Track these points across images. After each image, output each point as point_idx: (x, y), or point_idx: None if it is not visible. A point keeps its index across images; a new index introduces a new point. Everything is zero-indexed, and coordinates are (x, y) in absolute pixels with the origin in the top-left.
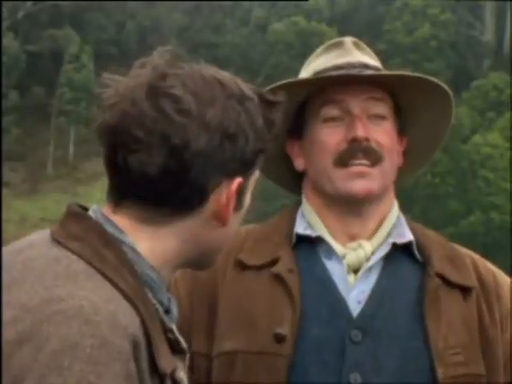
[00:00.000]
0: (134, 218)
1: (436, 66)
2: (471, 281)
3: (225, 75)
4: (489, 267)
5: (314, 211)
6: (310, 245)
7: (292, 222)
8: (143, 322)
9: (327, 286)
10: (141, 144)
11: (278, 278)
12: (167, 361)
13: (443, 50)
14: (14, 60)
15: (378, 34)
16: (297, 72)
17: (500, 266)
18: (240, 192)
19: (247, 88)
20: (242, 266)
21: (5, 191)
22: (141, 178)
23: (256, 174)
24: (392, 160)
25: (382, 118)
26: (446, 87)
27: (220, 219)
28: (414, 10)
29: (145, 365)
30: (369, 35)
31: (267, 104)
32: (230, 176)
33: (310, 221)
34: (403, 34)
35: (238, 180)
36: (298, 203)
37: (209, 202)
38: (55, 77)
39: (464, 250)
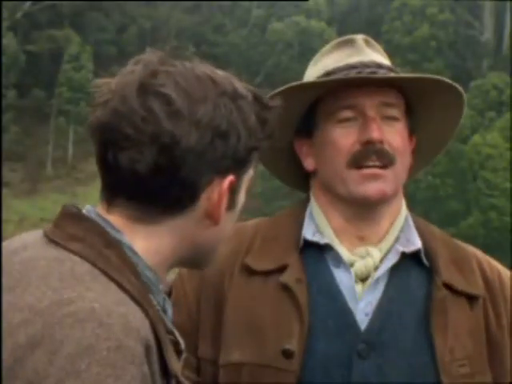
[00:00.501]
0: (127, 217)
1: (435, 65)
2: (478, 288)
3: (218, 73)
4: (494, 267)
5: (322, 213)
6: (318, 251)
7: (300, 223)
8: (152, 324)
9: (335, 296)
10: (131, 142)
11: (286, 289)
12: (175, 362)
13: (442, 49)
14: (13, 60)
15: (378, 34)
16: (296, 71)
17: None
18: (233, 190)
19: (241, 86)
20: (248, 271)
21: (4, 191)
22: (131, 176)
23: (250, 173)
24: (404, 162)
25: (395, 119)
26: (459, 88)
27: (212, 218)
28: (413, 10)
29: (156, 367)
30: (368, 35)
31: (261, 104)
32: (222, 174)
33: (318, 223)
34: (402, 33)
35: (230, 178)
36: (306, 201)
37: (201, 201)
38: (54, 77)
39: (469, 249)
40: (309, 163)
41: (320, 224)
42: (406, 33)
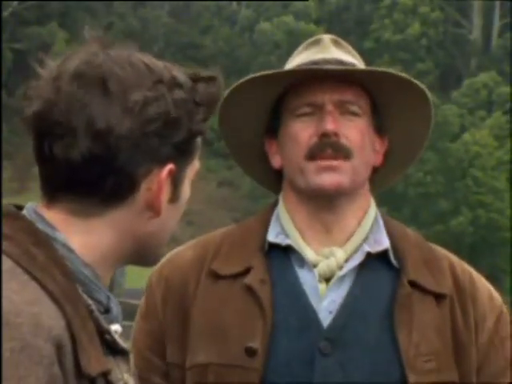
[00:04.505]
0: (67, 211)
1: (425, 64)
2: (446, 287)
3: (157, 62)
4: (466, 270)
5: (287, 213)
6: (283, 252)
7: (266, 226)
8: (69, 324)
9: (298, 296)
10: (65, 130)
11: (250, 290)
12: (97, 363)
13: (432, 48)
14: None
15: (367, 33)
16: None
17: (487, 265)
18: (175, 182)
19: (181, 73)
20: (215, 276)
21: None
22: (66, 166)
23: (195, 165)
24: (363, 157)
25: (355, 114)
26: (419, 84)
27: (153, 209)
28: (403, 8)
29: (70, 368)
30: (357, 34)
31: (203, 83)
32: (162, 163)
33: (283, 224)
34: (392, 32)
35: (169, 166)
36: (275, 204)
37: (141, 191)
38: None
39: (442, 252)
40: (275, 161)
41: (285, 225)
42: (395, 31)
